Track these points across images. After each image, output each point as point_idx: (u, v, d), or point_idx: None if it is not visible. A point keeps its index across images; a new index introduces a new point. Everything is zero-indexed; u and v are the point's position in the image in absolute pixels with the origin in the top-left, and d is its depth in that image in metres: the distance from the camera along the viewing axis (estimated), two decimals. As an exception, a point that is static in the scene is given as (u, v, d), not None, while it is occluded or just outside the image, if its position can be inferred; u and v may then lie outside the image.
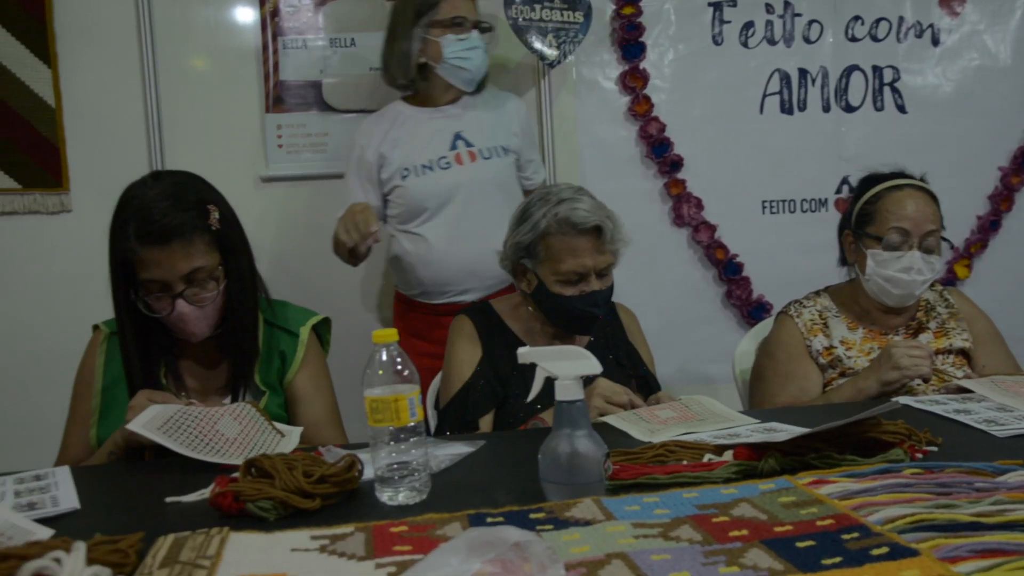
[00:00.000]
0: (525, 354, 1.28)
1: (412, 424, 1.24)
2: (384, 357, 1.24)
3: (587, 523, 1.08)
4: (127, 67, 2.84)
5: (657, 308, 3.11)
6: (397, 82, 2.54)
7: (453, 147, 2.49)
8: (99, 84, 2.83)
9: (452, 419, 1.97)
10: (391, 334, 1.25)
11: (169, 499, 1.32)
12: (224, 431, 1.55)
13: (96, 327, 1.84)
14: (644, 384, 2.10)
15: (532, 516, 1.12)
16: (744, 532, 1.03)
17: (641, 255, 3.02)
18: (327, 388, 1.84)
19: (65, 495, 1.38)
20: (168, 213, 1.61)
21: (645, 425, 1.66)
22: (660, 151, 3.10)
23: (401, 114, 2.54)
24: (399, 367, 1.23)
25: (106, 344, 1.78)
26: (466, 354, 2.04)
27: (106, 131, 2.84)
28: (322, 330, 1.89)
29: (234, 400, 1.73)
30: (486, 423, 1.98)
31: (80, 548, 0.91)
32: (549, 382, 1.26)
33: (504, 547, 0.83)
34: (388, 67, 2.53)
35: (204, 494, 1.33)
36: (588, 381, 1.52)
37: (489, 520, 1.11)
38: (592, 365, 1.22)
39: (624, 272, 2.10)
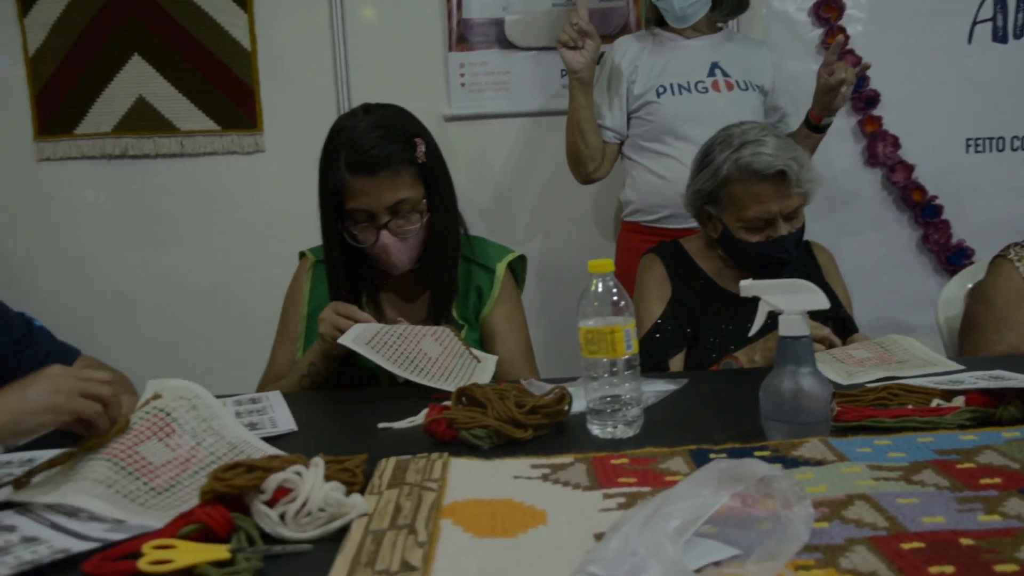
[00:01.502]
0: (748, 287, 1.23)
1: (627, 357, 1.21)
2: (600, 288, 1.21)
3: (818, 463, 1.03)
4: (317, 10, 2.89)
5: (847, 252, 2.96)
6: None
7: (711, 74, 2.44)
8: (291, 28, 2.90)
9: (641, 359, 1.93)
10: (607, 264, 1.21)
11: (381, 424, 1.35)
12: (427, 350, 1.57)
13: (303, 254, 1.90)
14: (841, 326, 2.00)
15: (757, 454, 1.08)
16: (997, 480, 0.95)
17: (831, 197, 2.89)
18: (521, 325, 1.84)
19: (282, 417, 1.43)
20: (377, 144, 1.64)
21: (841, 366, 1.58)
22: (855, 86, 2.92)
23: (660, 35, 2.50)
24: (615, 298, 1.20)
25: (312, 271, 1.84)
26: (655, 294, 2.00)
27: (297, 73, 2.92)
28: (517, 267, 1.89)
29: None
30: (676, 364, 1.93)
31: (319, 464, 0.93)
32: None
33: (752, 481, 0.79)
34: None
35: (414, 421, 1.36)
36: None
37: (712, 456, 1.08)
38: (819, 300, 1.16)
39: (812, 214, 1.99)
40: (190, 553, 0.85)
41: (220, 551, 0.85)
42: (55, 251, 3.00)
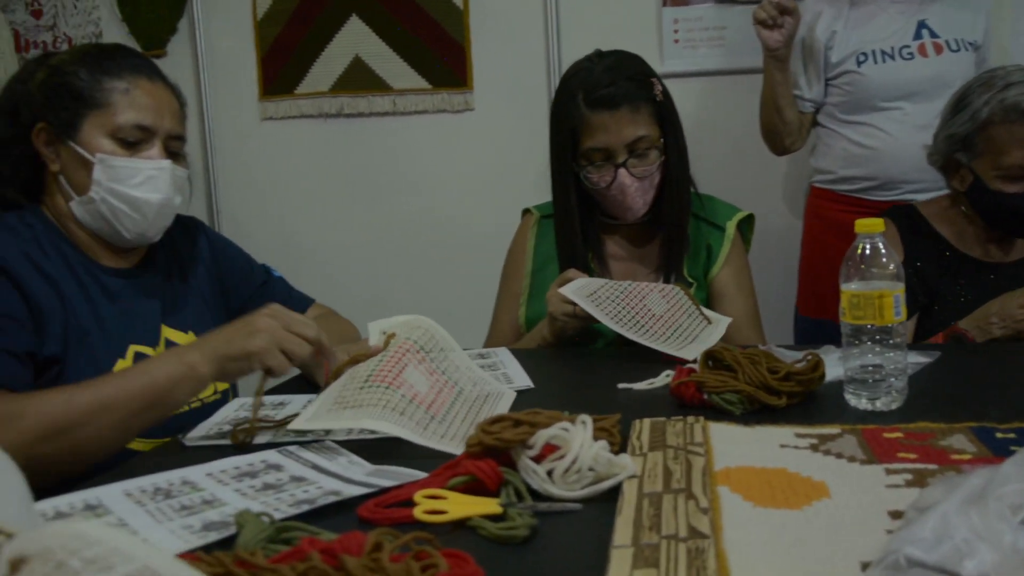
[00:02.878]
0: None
1: (894, 324, 1.12)
2: (867, 249, 1.13)
3: None
4: (529, -33, 2.88)
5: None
6: None
7: (917, 36, 2.24)
8: (503, -15, 2.90)
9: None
10: (876, 224, 1.13)
11: (621, 385, 1.33)
12: (651, 307, 1.53)
13: (527, 211, 1.89)
14: None
15: (1055, 436, 0.98)
16: None
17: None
18: (749, 287, 1.77)
19: (516, 373, 1.43)
20: (616, 81, 1.65)
21: None
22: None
23: None
24: (884, 260, 1.12)
25: (536, 227, 1.83)
26: None
27: (507, 32, 2.91)
28: (744, 228, 1.81)
29: None
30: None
31: (587, 422, 0.91)
32: None
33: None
34: None
35: (653, 383, 1.32)
36: None
37: (999, 435, 0.99)
38: None
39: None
40: (462, 505, 0.85)
41: (491, 505, 0.85)
42: (275, 206, 3.14)
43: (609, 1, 2.85)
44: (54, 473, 1.08)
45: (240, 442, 1.16)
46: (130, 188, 1.33)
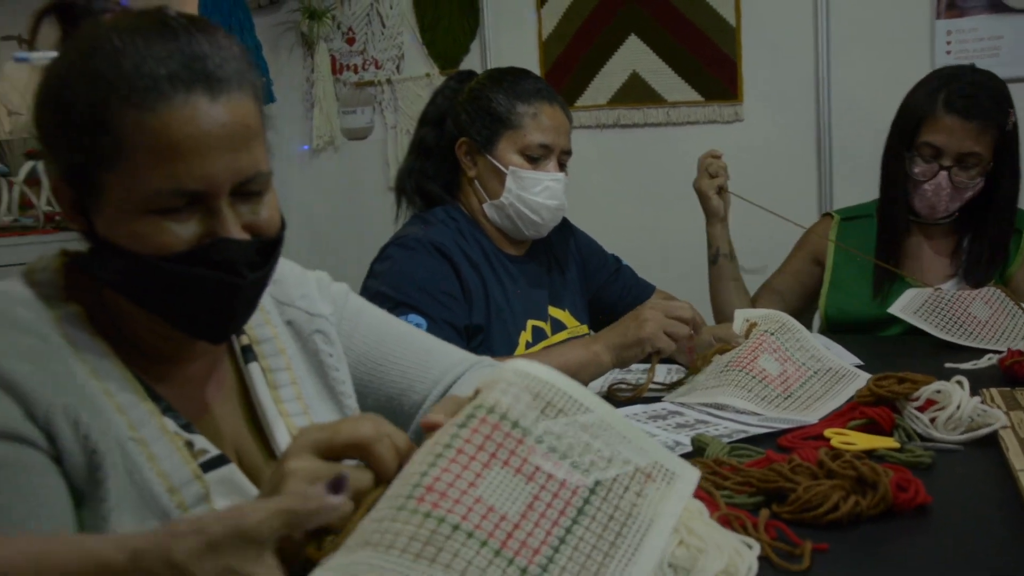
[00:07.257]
0: None
1: None
2: None
3: None
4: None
5: None
6: None
7: None
8: (775, 3, 3.08)
9: None
10: None
11: (948, 364, 1.52)
12: (976, 314, 1.70)
13: (828, 215, 2.09)
14: None
15: None
16: None
17: None
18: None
19: (842, 354, 1.64)
20: (981, 94, 1.78)
21: None
22: None
23: None
24: None
25: (837, 228, 2.00)
26: None
27: (778, 47, 3.09)
28: None
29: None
30: None
31: (964, 381, 1.12)
32: None
33: None
34: None
35: (976, 364, 1.51)
36: None
37: None
38: None
39: None
40: (866, 440, 1.08)
41: (889, 441, 1.07)
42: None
43: (881, 15, 2.97)
44: None
45: (622, 400, 1.44)
46: (534, 195, 1.65)
